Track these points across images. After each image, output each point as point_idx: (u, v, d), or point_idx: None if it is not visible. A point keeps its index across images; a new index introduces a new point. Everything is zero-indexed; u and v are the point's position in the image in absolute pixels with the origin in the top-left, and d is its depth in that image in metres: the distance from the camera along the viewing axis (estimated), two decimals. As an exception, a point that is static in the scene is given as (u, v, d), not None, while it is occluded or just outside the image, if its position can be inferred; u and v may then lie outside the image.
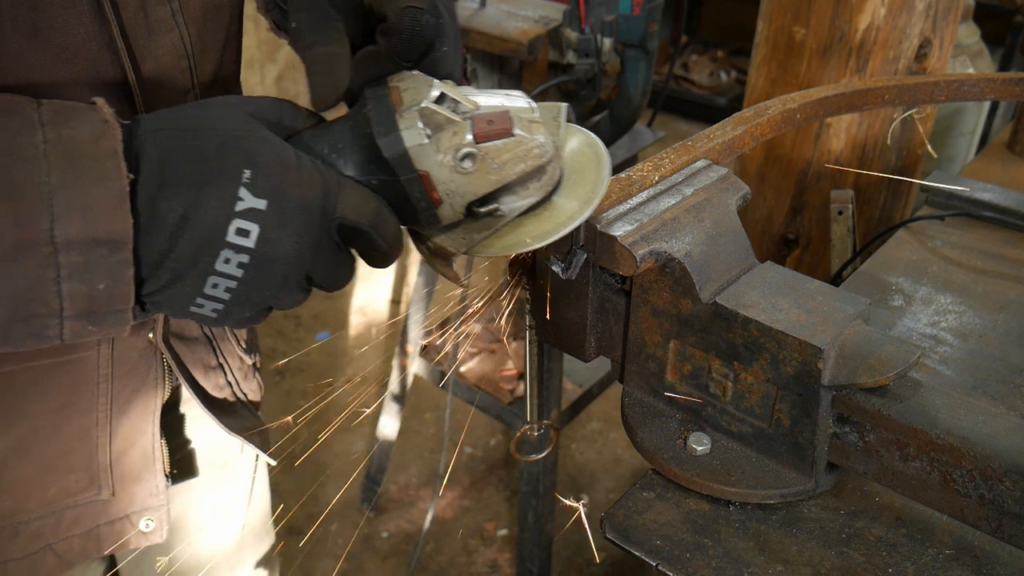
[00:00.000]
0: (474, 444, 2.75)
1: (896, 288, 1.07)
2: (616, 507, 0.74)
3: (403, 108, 0.61)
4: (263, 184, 0.56)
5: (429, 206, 0.63)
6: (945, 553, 0.70)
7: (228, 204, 0.55)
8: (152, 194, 0.54)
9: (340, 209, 0.60)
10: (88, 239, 0.52)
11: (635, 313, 0.77)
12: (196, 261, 0.55)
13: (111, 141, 0.54)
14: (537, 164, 0.64)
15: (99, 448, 0.88)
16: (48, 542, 0.88)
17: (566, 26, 1.81)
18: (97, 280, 0.53)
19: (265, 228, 0.56)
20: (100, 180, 0.53)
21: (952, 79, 1.12)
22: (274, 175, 0.56)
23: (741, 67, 4.86)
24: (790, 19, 1.52)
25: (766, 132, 0.94)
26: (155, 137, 0.55)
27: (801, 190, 1.64)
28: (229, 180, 0.55)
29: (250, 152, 0.56)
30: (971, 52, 2.50)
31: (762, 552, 0.70)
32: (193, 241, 0.55)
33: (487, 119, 0.62)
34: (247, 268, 0.57)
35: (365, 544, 2.42)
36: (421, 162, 0.61)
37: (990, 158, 1.59)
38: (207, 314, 0.59)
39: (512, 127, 0.62)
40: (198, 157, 0.55)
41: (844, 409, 0.69)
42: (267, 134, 0.58)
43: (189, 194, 0.54)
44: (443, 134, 0.61)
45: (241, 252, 0.56)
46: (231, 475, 1.11)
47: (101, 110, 0.55)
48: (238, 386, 1.03)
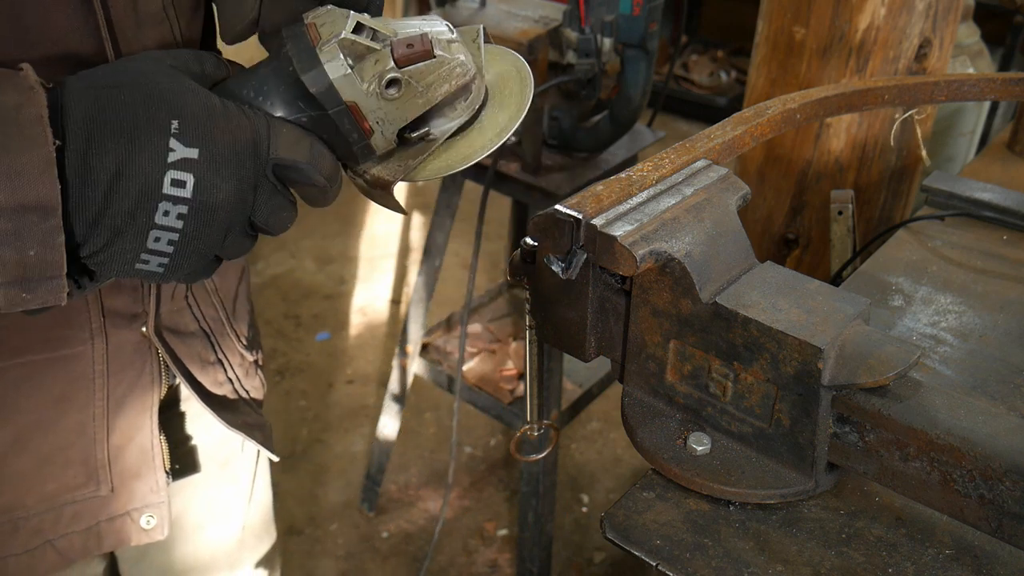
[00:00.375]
0: (474, 444, 2.75)
1: (896, 288, 1.07)
2: (616, 507, 0.74)
3: (322, 42, 0.61)
4: (192, 133, 0.56)
5: (361, 137, 0.64)
6: (945, 553, 0.70)
7: (160, 156, 0.55)
8: (81, 152, 0.54)
9: (274, 149, 0.60)
10: (16, 205, 0.52)
11: (635, 313, 0.77)
12: (134, 216, 0.55)
13: (36, 107, 0.53)
14: (461, 83, 0.65)
15: (97, 443, 0.88)
16: (48, 538, 0.88)
17: (566, 26, 1.81)
18: (27, 247, 0.53)
19: (200, 176, 0.56)
20: (26, 146, 0.52)
21: (952, 79, 1.12)
22: (202, 123, 0.57)
23: (741, 67, 4.86)
24: (790, 19, 1.52)
25: (766, 132, 0.94)
26: (79, 96, 0.55)
27: (801, 190, 1.64)
28: (158, 132, 0.55)
29: (175, 102, 0.56)
30: (971, 52, 2.50)
31: (762, 552, 0.70)
32: (129, 196, 0.55)
33: (406, 43, 0.63)
34: (187, 219, 0.57)
35: (365, 544, 2.42)
36: (347, 93, 0.61)
37: (990, 158, 1.59)
38: (153, 269, 0.59)
39: (432, 48, 0.63)
40: (124, 111, 0.55)
41: (844, 409, 0.69)
42: (190, 83, 0.59)
43: (119, 149, 0.54)
44: (365, 63, 0.62)
45: (179, 203, 0.56)
46: (232, 473, 1.11)
47: (27, 76, 0.55)
48: (239, 383, 1.03)
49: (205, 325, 0.97)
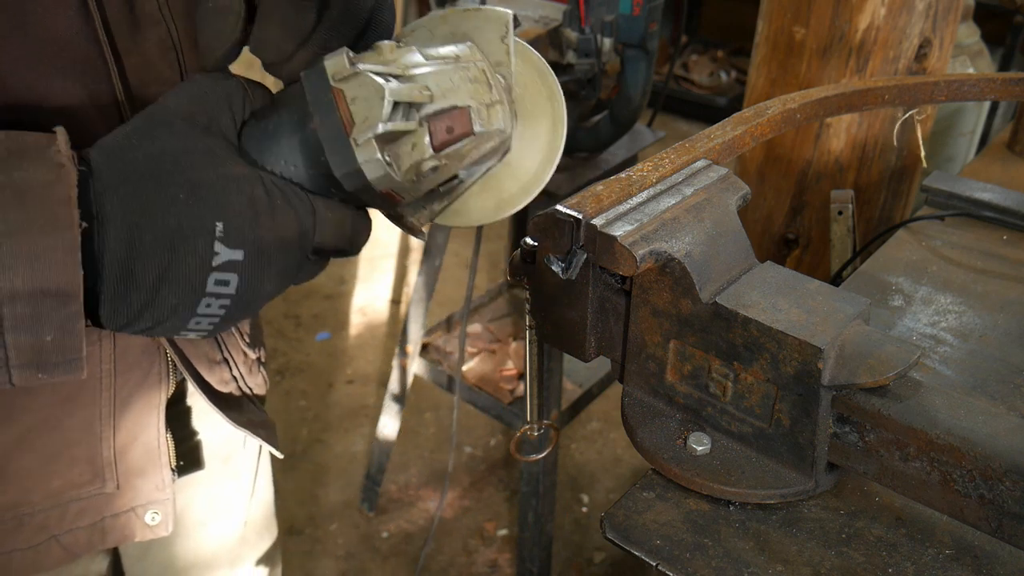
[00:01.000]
0: (474, 444, 2.75)
1: (896, 288, 1.07)
2: (616, 507, 0.74)
3: (356, 132, 0.57)
4: (237, 234, 0.55)
5: (392, 205, 0.62)
6: (945, 553, 0.70)
7: (205, 261, 0.54)
8: (123, 259, 0.53)
9: (318, 238, 0.59)
10: (35, 290, 0.50)
11: (635, 313, 0.77)
12: (175, 311, 0.55)
13: (64, 187, 0.51)
14: (497, 145, 0.63)
15: (103, 441, 0.88)
16: (53, 534, 0.88)
17: (566, 26, 1.81)
18: (44, 332, 0.51)
19: (244, 275, 0.56)
20: (51, 228, 0.50)
21: (952, 79, 1.12)
22: (247, 223, 0.55)
23: (741, 67, 4.86)
24: (790, 19, 1.52)
25: (766, 132, 0.94)
26: (117, 195, 0.53)
27: (801, 190, 1.64)
28: (202, 237, 0.54)
29: (219, 202, 0.55)
30: (971, 52, 2.50)
31: (762, 552, 0.70)
32: (172, 297, 0.54)
33: (446, 126, 0.59)
34: (229, 308, 0.57)
35: (365, 544, 2.42)
36: (382, 185, 0.59)
37: (990, 158, 1.59)
38: (190, 337, 0.59)
39: (472, 126, 0.60)
40: (167, 216, 0.53)
41: (844, 409, 0.69)
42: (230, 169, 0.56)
43: (163, 257, 0.53)
44: (401, 149, 0.59)
45: (222, 298, 0.56)
46: (234, 469, 1.11)
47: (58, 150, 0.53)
48: (243, 380, 1.04)
49: None
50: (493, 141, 0.63)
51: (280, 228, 0.57)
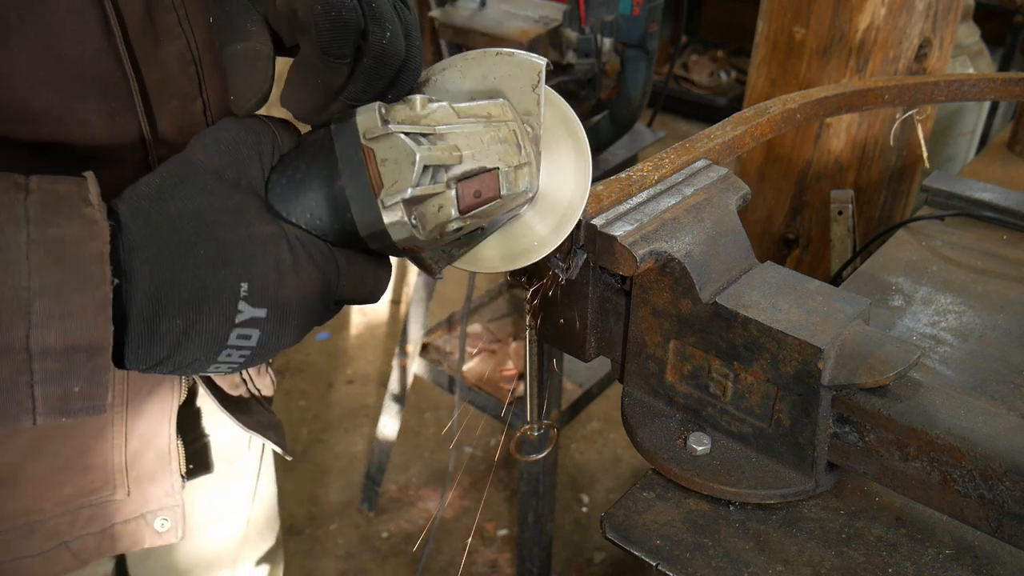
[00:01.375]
0: (474, 444, 2.75)
1: (896, 288, 1.07)
2: (616, 507, 0.74)
3: (385, 194, 0.57)
4: (261, 294, 0.56)
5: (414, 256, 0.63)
6: (945, 553, 0.70)
7: (228, 318, 0.55)
8: (149, 315, 0.54)
9: (339, 292, 0.60)
10: (66, 347, 0.51)
11: (635, 313, 0.77)
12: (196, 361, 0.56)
13: (98, 244, 0.52)
14: (521, 204, 0.63)
15: (115, 448, 0.89)
16: (63, 540, 0.88)
17: (566, 26, 1.81)
18: (73, 383, 0.53)
19: (265, 331, 0.57)
20: (83, 286, 0.51)
21: (952, 79, 1.12)
22: (272, 283, 0.56)
23: (741, 67, 4.86)
24: (790, 19, 1.52)
25: (766, 132, 0.94)
26: (146, 254, 0.54)
27: (801, 190, 1.64)
28: (227, 296, 0.55)
29: (245, 262, 0.55)
30: (971, 52, 2.50)
31: (762, 552, 0.70)
32: (194, 350, 0.55)
33: (474, 189, 0.59)
34: (248, 356, 0.58)
35: (365, 544, 2.42)
36: (407, 243, 0.59)
37: (990, 158, 1.59)
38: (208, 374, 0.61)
39: (499, 190, 0.60)
40: (194, 278, 0.54)
41: (844, 409, 0.69)
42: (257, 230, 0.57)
43: (187, 315, 0.54)
44: (427, 209, 0.59)
45: (243, 349, 0.57)
46: (239, 470, 1.11)
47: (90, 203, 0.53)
48: (252, 382, 1.04)
49: None
50: (517, 202, 0.63)
51: (304, 287, 0.58)
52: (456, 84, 0.64)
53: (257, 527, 1.19)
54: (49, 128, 0.70)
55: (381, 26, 0.58)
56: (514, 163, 0.61)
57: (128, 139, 0.74)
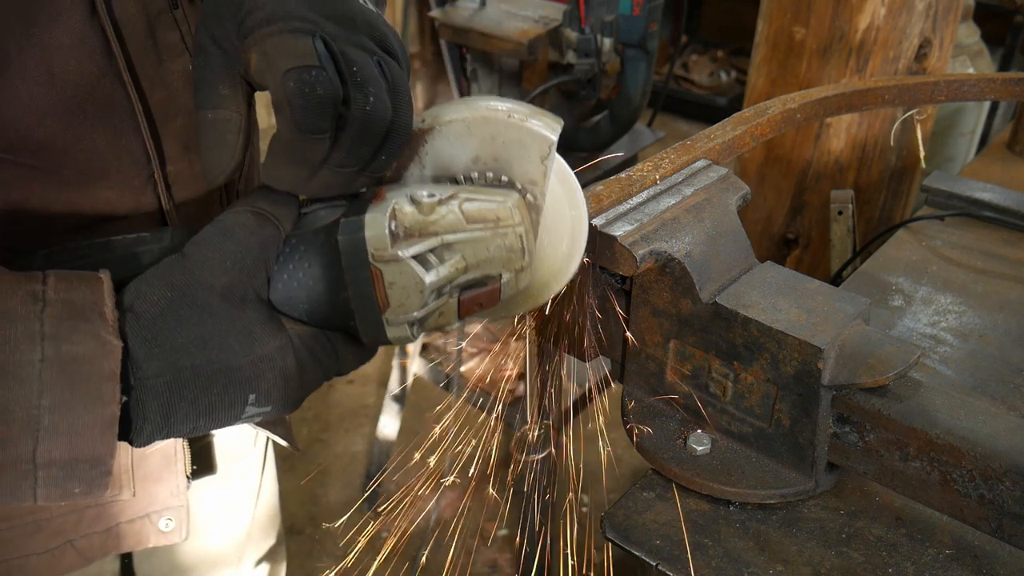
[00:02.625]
0: (474, 444, 2.75)
1: (896, 288, 1.07)
2: (616, 507, 0.74)
3: (391, 314, 0.58)
4: (267, 399, 0.58)
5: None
6: (945, 553, 0.70)
7: (235, 417, 0.58)
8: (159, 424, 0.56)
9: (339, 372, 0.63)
10: (70, 459, 0.52)
11: (635, 313, 0.77)
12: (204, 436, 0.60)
13: (110, 362, 0.53)
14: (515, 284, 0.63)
15: (122, 449, 0.89)
16: (69, 539, 0.89)
17: (566, 26, 1.81)
18: (73, 486, 0.54)
19: (271, 414, 0.60)
20: (92, 405, 0.52)
21: (952, 79, 1.12)
22: (278, 390, 0.58)
23: (741, 67, 4.86)
24: (790, 19, 1.52)
25: (766, 132, 0.94)
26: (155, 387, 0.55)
27: (801, 190, 1.64)
28: (235, 406, 0.58)
29: (253, 379, 0.57)
30: (971, 52, 2.50)
31: (762, 552, 0.70)
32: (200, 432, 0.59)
33: (477, 303, 0.60)
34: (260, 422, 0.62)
35: (365, 544, 2.42)
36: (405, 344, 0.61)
37: (990, 158, 1.59)
38: None
39: (499, 298, 0.61)
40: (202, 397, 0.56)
41: (844, 409, 0.69)
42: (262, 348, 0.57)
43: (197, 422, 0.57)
44: (428, 320, 0.60)
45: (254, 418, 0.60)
46: (243, 469, 1.12)
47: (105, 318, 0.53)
48: None
49: None
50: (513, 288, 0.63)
51: (308, 386, 0.61)
52: (461, 142, 0.62)
53: (260, 525, 1.19)
54: (53, 154, 0.70)
55: (363, 91, 0.56)
56: (517, 267, 0.60)
57: (133, 159, 0.74)
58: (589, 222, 0.65)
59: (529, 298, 0.66)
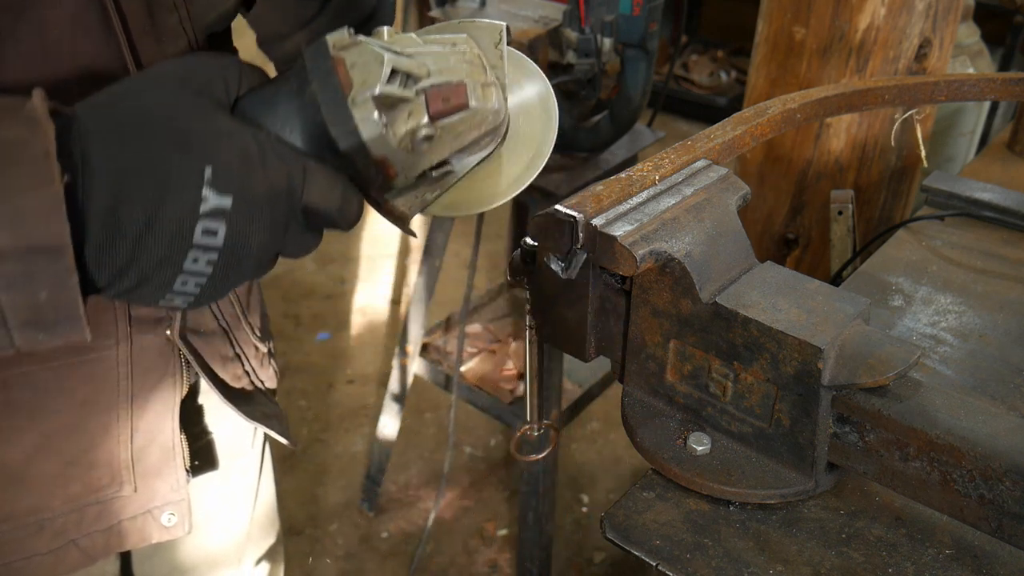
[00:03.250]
0: (474, 444, 2.75)
1: (896, 288, 1.07)
2: (616, 507, 0.74)
3: (355, 93, 0.57)
4: (226, 181, 0.54)
5: (385, 181, 0.62)
6: (945, 553, 0.70)
7: (192, 206, 0.53)
8: (109, 207, 0.52)
9: (306, 196, 0.58)
10: (23, 248, 0.49)
11: (635, 313, 0.77)
12: (162, 265, 0.54)
13: (43, 143, 0.50)
14: (491, 128, 0.64)
15: (121, 444, 0.89)
16: (71, 538, 0.89)
17: (566, 26, 1.81)
18: (38, 289, 0.50)
19: (232, 225, 0.54)
20: (31, 185, 0.49)
21: (952, 79, 1.12)
22: (236, 171, 0.54)
23: (741, 67, 4.86)
24: (790, 19, 1.52)
25: (766, 132, 0.94)
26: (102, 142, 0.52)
27: (801, 190, 1.64)
28: (190, 181, 0.53)
29: (209, 148, 0.54)
30: (971, 52, 2.50)
31: (762, 552, 0.70)
32: (159, 247, 0.53)
33: (442, 96, 0.60)
34: (216, 264, 0.55)
35: (365, 544, 2.42)
36: (377, 150, 0.59)
37: (990, 158, 1.59)
38: (177, 304, 0.58)
39: (468, 100, 0.61)
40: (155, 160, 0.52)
41: (844, 409, 0.69)
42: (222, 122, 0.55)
43: (149, 201, 0.52)
44: (398, 115, 0.59)
45: (210, 251, 0.54)
46: (241, 466, 1.12)
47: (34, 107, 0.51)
48: (255, 374, 1.05)
49: (223, 322, 0.97)
50: (487, 123, 0.63)
51: (270, 179, 0.56)
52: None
53: (259, 524, 1.19)
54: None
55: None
56: (481, 81, 0.62)
57: None
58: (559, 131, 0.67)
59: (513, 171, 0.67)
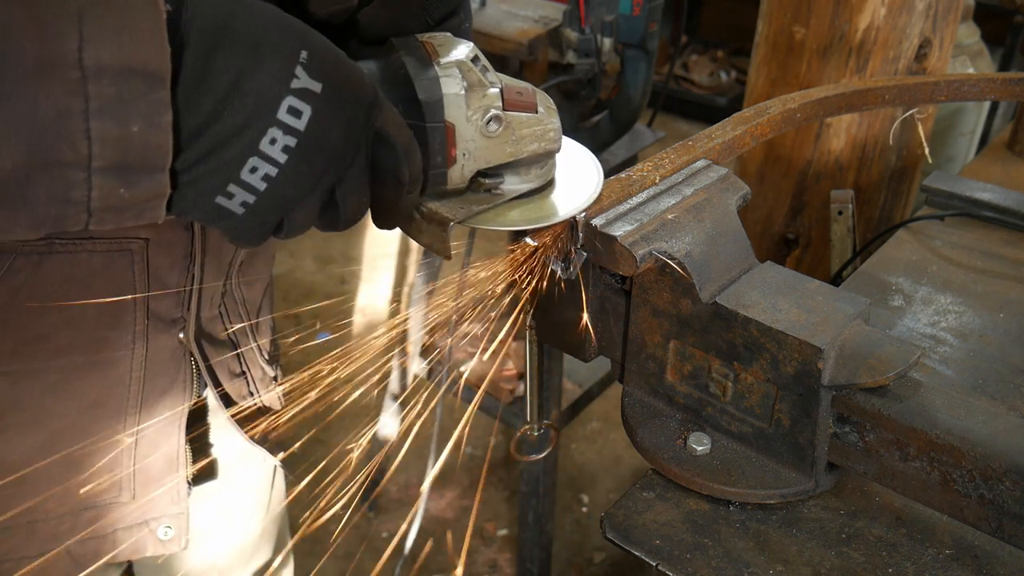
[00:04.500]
0: (474, 444, 2.75)
1: (896, 288, 1.07)
2: (616, 507, 0.74)
3: (440, 59, 0.63)
4: (319, 67, 0.53)
5: (443, 162, 0.64)
6: (945, 553, 0.70)
7: (284, 77, 0.52)
8: (205, 51, 0.50)
9: (381, 121, 0.58)
10: (122, 67, 0.46)
11: (635, 313, 0.77)
12: (242, 132, 0.51)
13: None
14: (549, 148, 0.68)
15: (125, 450, 0.88)
16: (63, 543, 0.87)
17: (566, 26, 1.81)
18: (131, 119, 0.47)
19: (317, 112, 0.53)
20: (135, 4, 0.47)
21: (952, 79, 1.12)
22: (331, 61, 0.54)
23: (741, 67, 4.85)
24: (790, 19, 1.52)
25: (766, 132, 0.94)
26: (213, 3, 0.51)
27: (801, 190, 1.64)
28: (286, 54, 0.52)
29: (306, 35, 0.54)
30: (971, 52, 2.50)
31: (762, 552, 0.70)
32: (243, 110, 0.51)
33: (516, 90, 0.65)
34: (292, 153, 0.53)
35: (365, 544, 2.42)
36: (451, 112, 0.62)
37: (990, 158, 1.59)
38: (234, 208, 0.54)
39: (537, 104, 0.66)
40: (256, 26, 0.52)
41: (844, 409, 0.69)
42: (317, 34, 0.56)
43: (244, 59, 0.50)
44: (475, 93, 0.63)
45: (289, 133, 0.52)
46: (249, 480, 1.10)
47: None
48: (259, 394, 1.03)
49: (232, 335, 0.97)
50: (547, 140, 0.67)
51: (357, 85, 0.56)
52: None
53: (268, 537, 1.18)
54: None
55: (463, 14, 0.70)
56: (546, 103, 0.68)
57: None
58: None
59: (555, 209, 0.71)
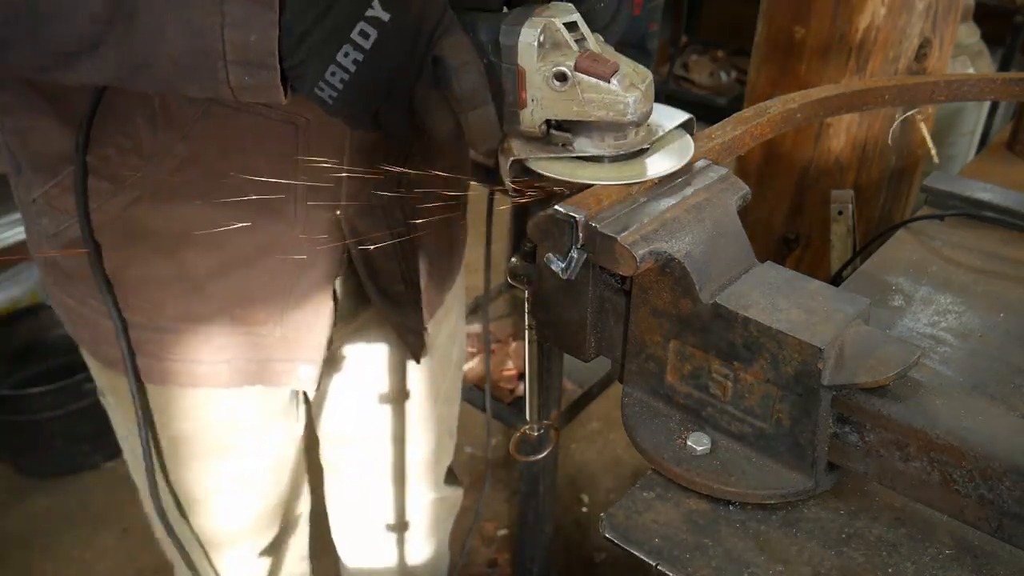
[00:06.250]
0: (474, 444, 2.75)
1: (896, 288, 1.07)
2: (616, 507, 0.74)
3: (535, 17, 0.70)
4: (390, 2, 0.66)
5: (514, 102, 0.72)
6: (945, 553, 0.70)
7: (360, 7, 0.66)
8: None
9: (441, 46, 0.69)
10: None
11: (635, 313, 0.77)
12: (326, 44, 0.66)
13: None
14: (616, 119, 0.70)
15: (284, 290, 1.01)
16: (228, 358, 1.03)
17: (566, 26, 1.81)
18: (251, 32, 0.65)
19: (381, 35, 0.67)
20: None
21: (952, 79, 1.12)
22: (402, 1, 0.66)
23: (741, 67, 4.86)
24: (790, 19, 1.52)
25: (766, 132, 0.94)
26: None
27: (801, 190, 1.64)
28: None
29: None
30: (971, 52, 2.50)
31: (762, 552, 0.70)
32: (329, 27, 0.66)
33: (595, 58, 0.69)
34: (360, 65, 0.67)
35: (365, 544, 2.42)
36: (524, 60, 0.69)
37: (990, 158, 1.59)
38: (324, 97, 0.69)
39: (611, 75, 0.69)
40: None
41: (844, 409, 0.69)
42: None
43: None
44: (553, 50, 0.70)
45: (358, 50, 0.67)
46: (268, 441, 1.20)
47: None
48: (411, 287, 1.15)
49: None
50: (615, 110, 0.70)
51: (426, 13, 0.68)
52: None
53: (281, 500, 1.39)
54: None
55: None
56: (634, 82, 0.70)
57: None
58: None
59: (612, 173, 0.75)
